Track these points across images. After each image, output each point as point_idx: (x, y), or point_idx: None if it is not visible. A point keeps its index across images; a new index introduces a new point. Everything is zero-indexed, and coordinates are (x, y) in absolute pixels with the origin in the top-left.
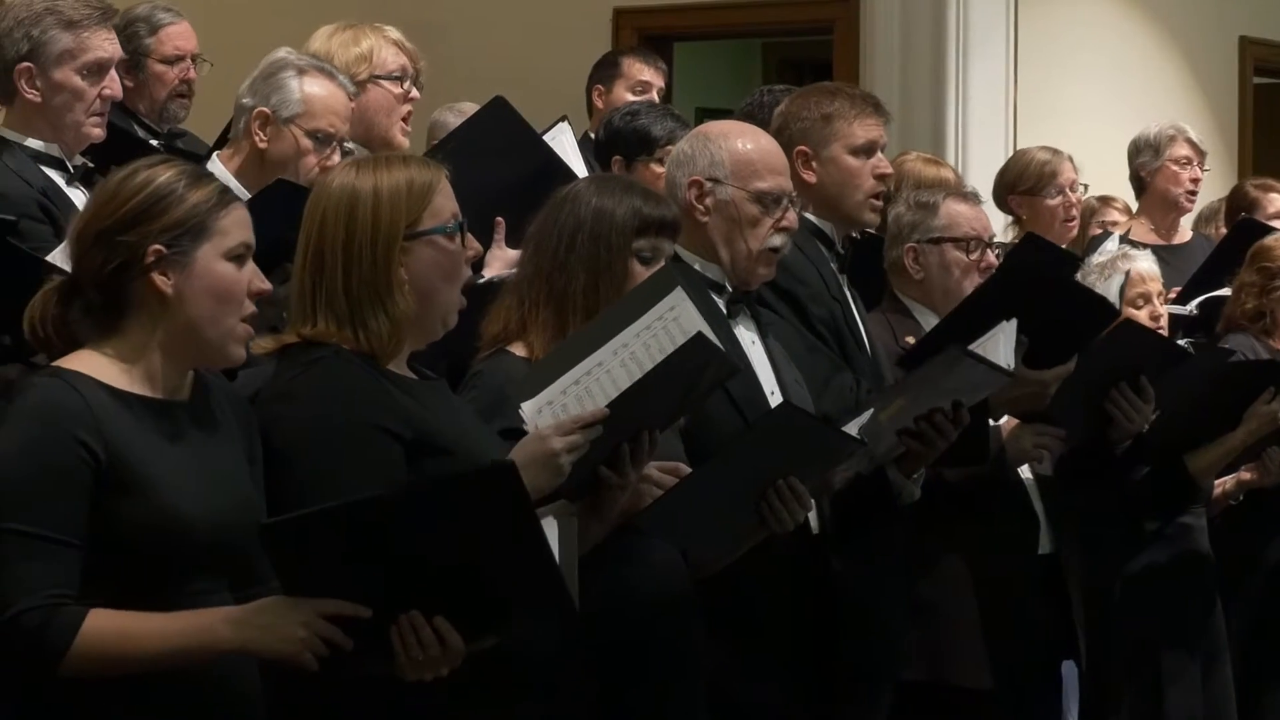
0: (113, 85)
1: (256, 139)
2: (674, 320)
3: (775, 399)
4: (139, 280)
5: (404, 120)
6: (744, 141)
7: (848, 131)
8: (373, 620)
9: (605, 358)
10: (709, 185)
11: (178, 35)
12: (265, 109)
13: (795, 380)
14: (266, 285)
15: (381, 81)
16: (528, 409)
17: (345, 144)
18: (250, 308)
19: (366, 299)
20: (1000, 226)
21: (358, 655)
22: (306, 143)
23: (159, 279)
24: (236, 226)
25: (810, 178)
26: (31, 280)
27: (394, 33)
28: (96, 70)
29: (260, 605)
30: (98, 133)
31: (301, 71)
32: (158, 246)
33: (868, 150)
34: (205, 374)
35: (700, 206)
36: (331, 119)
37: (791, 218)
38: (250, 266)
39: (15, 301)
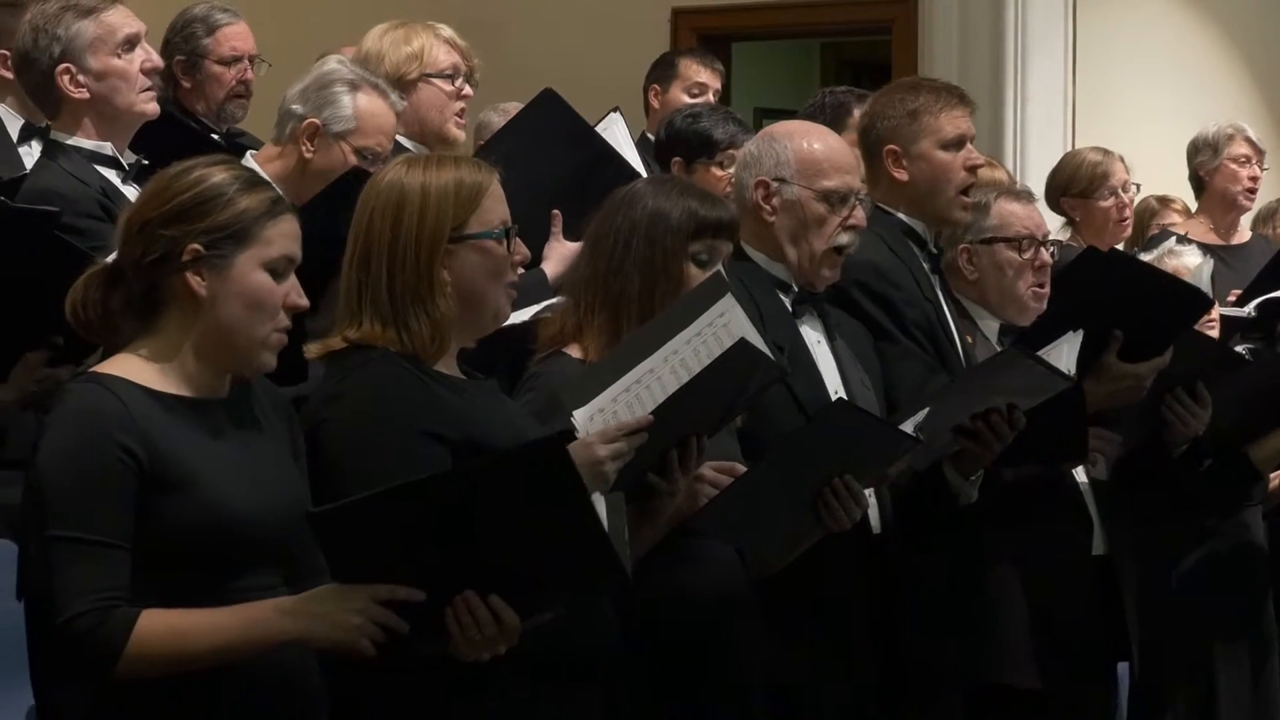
0: (151, 56)
1: (304, 149)
2: (724, 326)
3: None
4: (175, 277)
5: (458, 116)
6: (810, 141)
7: (936, 126)
8: (427, 602)
9: (656, 364)
10: (775, 185)
11: (235, 36)
12: (316, 120)
13: (862, 382)
14: (304, 302)
15: (433, 80)
16: (580, 416)
17: (404, 144)
18: (284, 320)
19: (409, 300)
20: (1054, 229)
21: (414, 638)
22: (354, 159)
23: (193, 279)
24: (282, 238)
25: (902, 176)
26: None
27: (446, 30)
28: (129, 46)
29: (313, 594)
30: (152, 107)
31: (355, 87)
32: (196, 246)
33: (958, 143)
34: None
35: (767, 207)
36: (380, 138)
37: (859, 215)
38: (290, 281)
39: (65, 298)
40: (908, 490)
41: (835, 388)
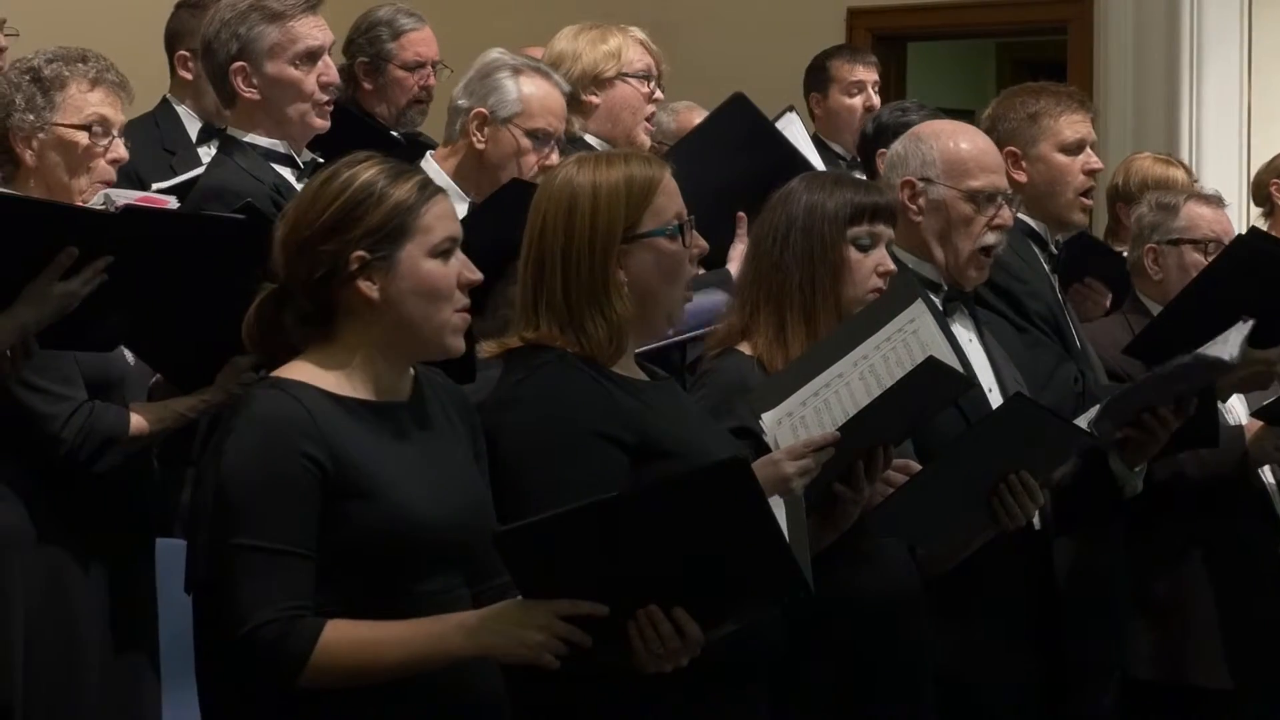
0: (329, 72)
1: (474, 140)
2: (913, 333)
3: (994, 396)
4: (346, 288)
5: (648, 120)
6: (956, 141)
7: (1055, 129)
8: (610, 615)
9: (845, 369)
10: (921, 185)
11: (419, 41)
12: (483, 109)
13: (1014, 379)
14: (477, 275)
15: (629, 79)
16: (768, 420)
17: (591, 143)
18: (463, 299)
19: (584, 302)
20: (1253, 217)
21: (596, 649)
22: (526, 142)
23: (364, 285)
24: (439, 221)
25: (1021, 177)
26: None
27: (639, 33)
28: (309, 59)
29: (498, 610)
30: (321, 123)
31: (517, 71)
32: (360, 253)
33: (1077, 147)
34: (425, 374)
35: (914, 206)
36: (549, 118)
37: (1006, 215)
38: (458, 258)
39: None
40: (1068, 483)
41: (989, 385)
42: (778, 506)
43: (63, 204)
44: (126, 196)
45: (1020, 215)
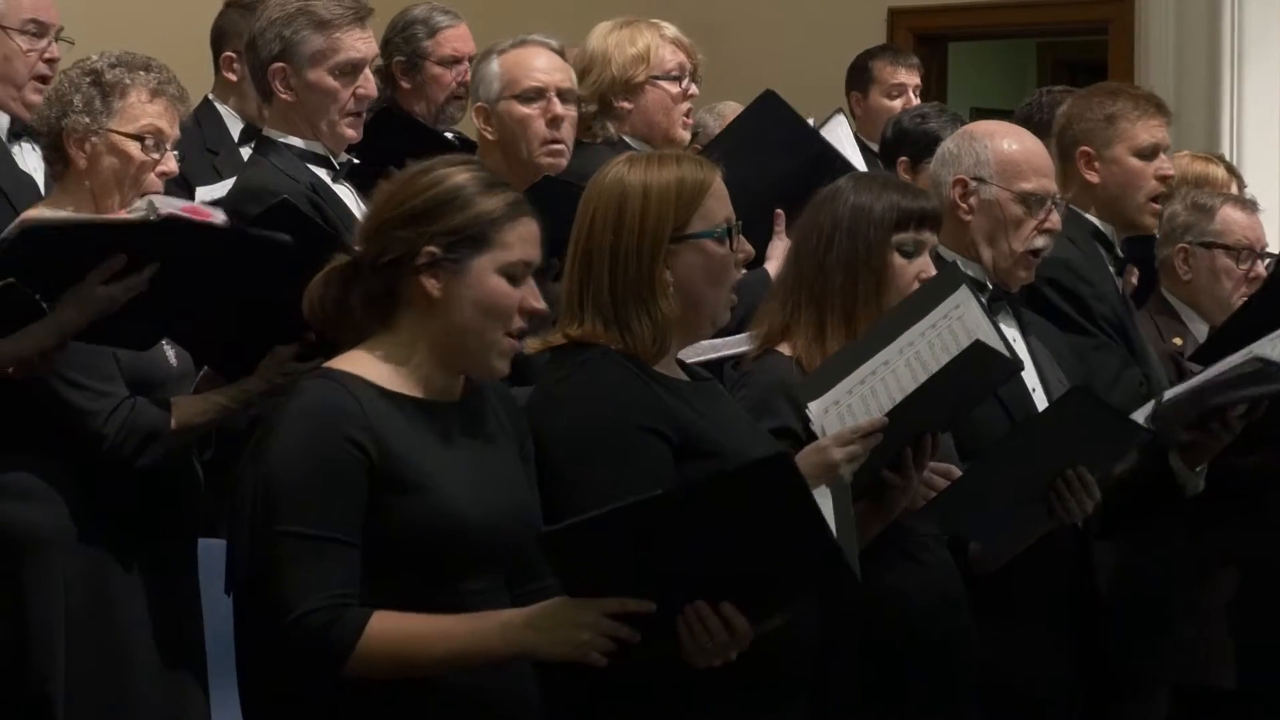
0: (367, 85)
1: (486, 135)
2: (958, 319)
3: (1038, 396)
4: (410, 278)
5: (685, 116)
6: (1010, 142)
7: (1131, 133)
8: (657, 611)
9: (891, 356)
10: (973, 184)
11: (456, 38)
12: (481, 103)
13: (1059, 380)
14: (541, 306)
15: (660, 82)
16: (814, 409)
17: (630, 144)
18: (520, 323)
19: (630, 300)
20: None
21: (644, 646)
22: (520, 109)
23: (428, 281)
24: (521, 242)
25: (1093, 178)
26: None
27: (670, 29)
28: (350, 70)
29: (544, 609)
30: (352, 134)
31: (498, 52)
32: (432, 248)
33: (1151, 152)
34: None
35: (964, 205)
36: (536, 75)
37: (1055, 220)
38: (528, 285)
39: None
40: (1127, 481)
41: (1034, 385)
42: (824, 497)
43: (103, 221)
44: (171, 205)
45: (1088, 215)
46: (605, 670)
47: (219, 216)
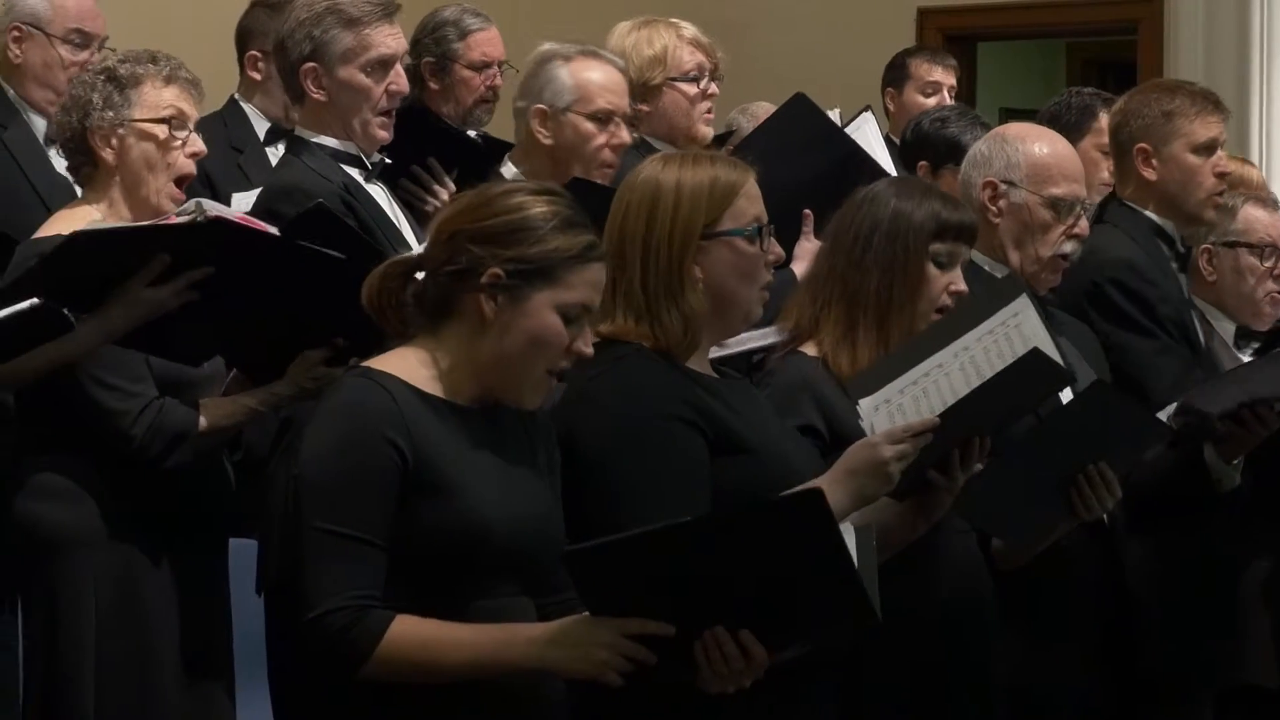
0: (399, 80)
1: (540, 137)
2: (1015, 327)
3: (1064, 393)
4: (469, 294)
5: (706, 114)
6: (1041, 145)
7: (1189, 129)
8: (676, 635)
9: (945, 359)
10: (1003, 187)
11: (486, 41)
12: (541, 105)
13: (1087, 377)
14: (589, 351)
15: (677, 84)
16: (865, 405)
17: (653, 145)
18: (564, 363)
19: (661, 294)
20: None
21: (660, 668)
22: (588, 126)
23: (486, 302)
24: (585, 285)
25: (1150, 175)
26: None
27: (689, 29)
28: (380, 67)
29: (565, 625)
30: (384, 135)
31: (568, 59)
32: (497, 271)
33: (1209, 148)
34: None
35: (993, 208)
36: (608, 96)
37: (1083, 225)
38: (581, 329)
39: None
40: (1162, 475)
41: None
42: (847, 534)
43: (150, 225)
44: (220, 210)
45: (1146, 212)
46: (631, 686)
47: (270, 227)
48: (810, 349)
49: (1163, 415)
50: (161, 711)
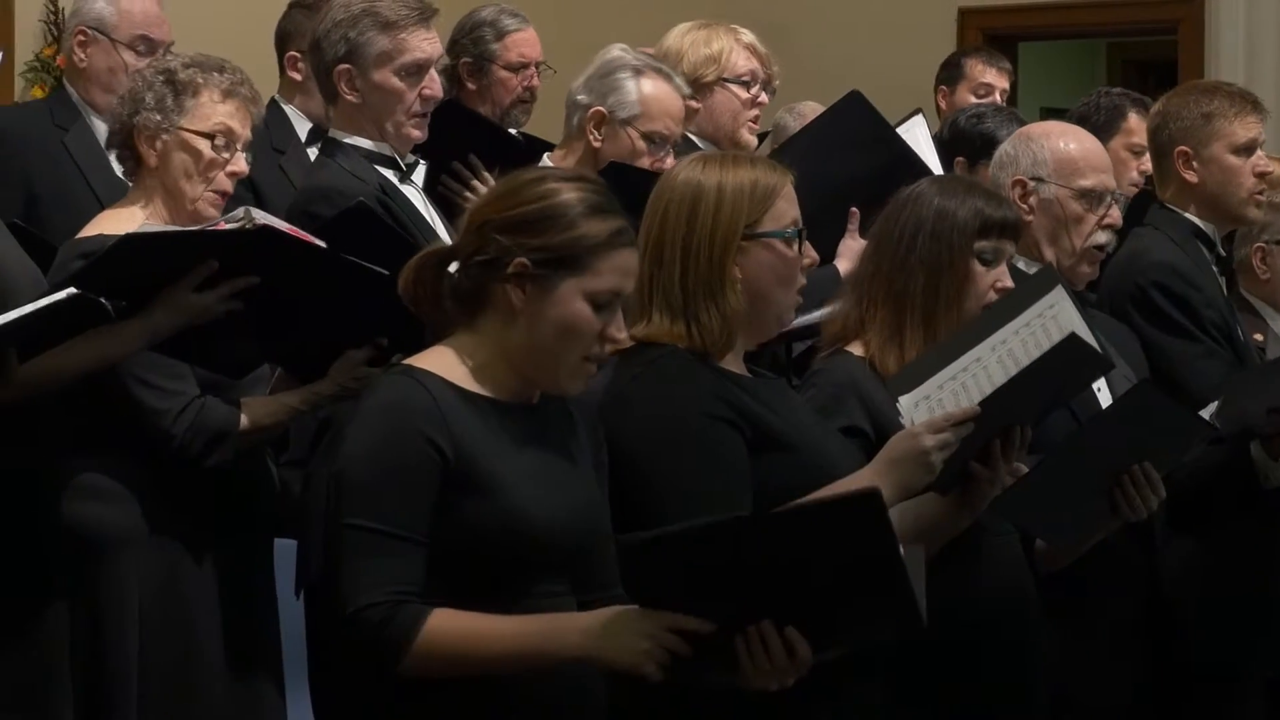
0: (433, 85)
1: (591, 138)
2: (1052, 318)
3: (1103, 396)
4: (498, 283)
5: (752, 122)
6: (1066, 140)
7: (1229, 130)
8: (720, 630)
9: (984, 354)
10: (1032, 184)
11: (523, 42)
12: (601, 109)
13: (1125, 378)
14: (622, 336)
15: (729, 85)
16: (905, 402)
17: (695, 142)
18: (598, 349)
19: (700, 294)
20: None
21: (703, 665)
22: (642, 145)
23: (514, 291)
24: (614, 271)
25: (1191, 177)
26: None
27: (748, 36)
28: (415, 71)
29: (607, 616)
30: (418, 135)
31: (638, 72)
32: (523, 260)
33: (1248, 148)
34: None
35: (1024, 206)
36: (667, 121)
37: (1115, 215)
38: (613, 314)
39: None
40: (1206, 471)
41: (1098, 385)
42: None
43: (199, 229)
44: (270, 219)
45: (1187, 215)
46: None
47: (316, 240)
48: (856, 349)
49: (1205, 413)
50: (205, 711)
